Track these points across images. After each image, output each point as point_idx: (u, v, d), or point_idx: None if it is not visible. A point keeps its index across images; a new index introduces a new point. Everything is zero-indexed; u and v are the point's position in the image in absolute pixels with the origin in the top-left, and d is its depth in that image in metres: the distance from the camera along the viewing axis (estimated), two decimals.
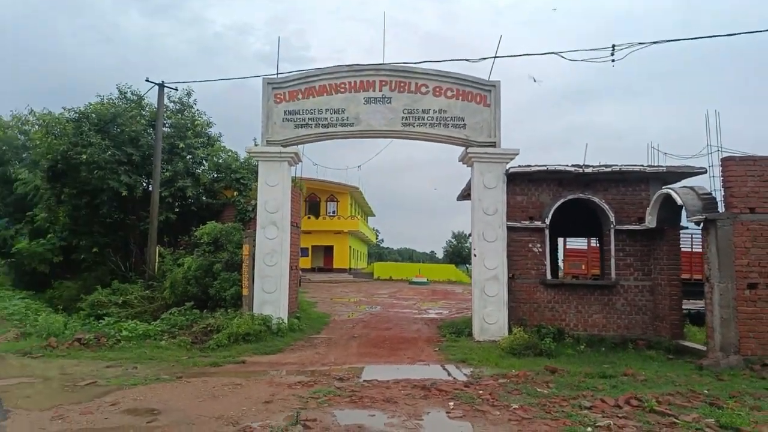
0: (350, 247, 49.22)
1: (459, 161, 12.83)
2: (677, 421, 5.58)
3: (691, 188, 10.01)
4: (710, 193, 9.73)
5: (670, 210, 10.79)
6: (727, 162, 9.42)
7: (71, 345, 10.13)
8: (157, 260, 15.19)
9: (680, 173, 11.48)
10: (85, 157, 15.15)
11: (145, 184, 16.82)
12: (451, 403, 6.31)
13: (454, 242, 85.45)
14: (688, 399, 6.55)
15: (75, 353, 9.64)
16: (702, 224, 9.40)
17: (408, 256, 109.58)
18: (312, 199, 45.45)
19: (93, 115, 16.29)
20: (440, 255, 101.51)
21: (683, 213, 10.12)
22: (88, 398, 6.50)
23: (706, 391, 6.99)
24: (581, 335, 11.10)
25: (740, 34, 10.51)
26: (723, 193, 9.45)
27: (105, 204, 16.15)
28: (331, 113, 12.47)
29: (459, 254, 75.57)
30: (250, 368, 8.60)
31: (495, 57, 12.28)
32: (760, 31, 10.36)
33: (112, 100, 17.53)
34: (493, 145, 12.03)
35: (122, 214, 16.78)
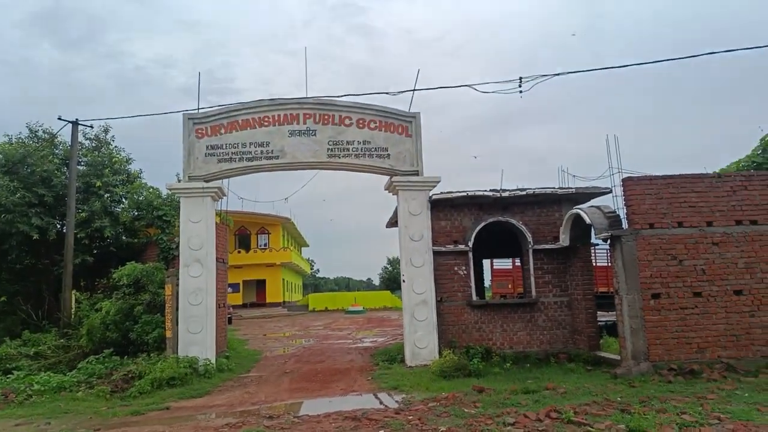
0: (284, 279, 48.43)
1: (385, 189, 13.12)
2: (592, 429, 5.93)
3: (598, 207, 10.75)
4: (615, 212, 10.49)
5: (581, 229, 11.50)
6: (627, 182, 10.22)
7: None
8: (73, 306, 14.38)
9: (588, 194, 12.30)
10: None
11: (59, 226, 15.96)
12: (381, 431, 6.36)
13: (390, 268, 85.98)
14: (603, 407, 6.95)
15: None
16: (609, 240, 10.10)
17: (345, 284, 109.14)
18: (242, 232, 44.55)
19: (0, 156, 15.37)
20: (377, 281, 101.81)
21: (592, 231, 10.83)
22: None
23: (619, 399, 7.44)
24: (507, 353, 11.49)
25: (630, 65, 11.55)
26: (625, 211, 10.22)
27: (14, 249, 15.15)
28: (256, 147, 12.45)
29: (395, 280, 75.97)
30: (175, 414, 8.27)
31: (414, 90, 12.79)
32: (649, 62, 11.42)
33: (22, 139, 16.65)
34: (416, 173, 12.41)
35: (33, 258, 15.78)
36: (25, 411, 8.88)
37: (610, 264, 18.49)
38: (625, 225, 10.10)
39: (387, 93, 12.80)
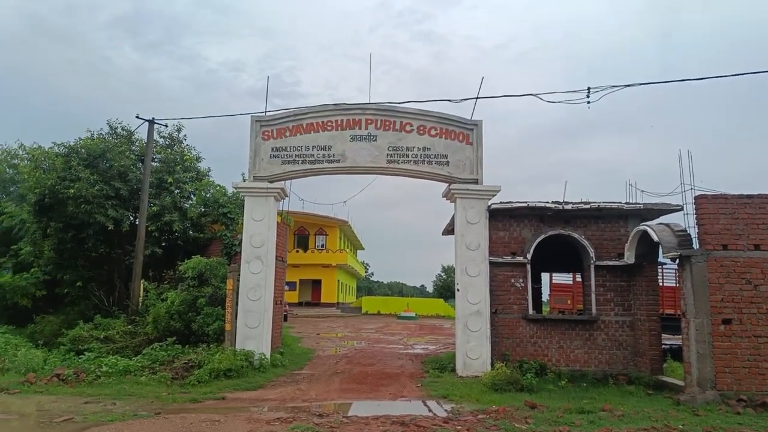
0: (338, 280, 49.05)
1: (443, 197, 13.07)
2: None
3: (667, 225, 10.26)
4: (685, 230, 9.98)
5: (647, 246, 11.03)
6: (700, 200, 9.72)
7: (50, 381, 10.01)
8: (141, 295, 15.14)
9: (657, 210, 11.77)
10: (72, 191, 15.23)
11: (132, 219, 16.86)
12: None
13: (444, 276, 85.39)
14: None
15: (53, 389, 9.53)
16: (677, 260, 9.63)
17: (398, 290, 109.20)
18: (301, 232, 45.52)
19: (82, 150, 16.44)
20: (430, 289, 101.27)
21: (660, 249, 10.36)
22: None
23: (680, 426, 7.07)
24: (563, 370, 11.15)
25: (706, 78, 10.97)
26: (697, 230, 9.72)
27: (91, 238, 16.14)
28: (318, 150, 12.73)
29: (448, 288, 75.37)
30: (230, 404, 8.56)
31: (477, 98, 12.68)
32: (724, 76, 10.83)
33: (102, 135, 17.73)
34: (476, 181, 12.30)
35: (108, 248, 16.76)
36: (93, 390, 9.45)
37: (677, 285, 17.67)
38: (696, 245, 9.60)
39: (449, 100, 12.73)
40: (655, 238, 9.96)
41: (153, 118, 16.02)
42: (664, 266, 15.24)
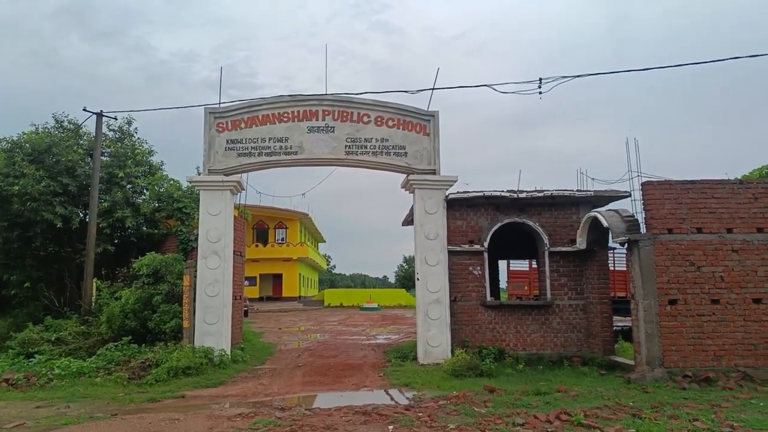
0: (300, 274, 48.76)
1: (401, 188, 13.15)
2: None
3: (616, 211, 10.65)
4: (633, 216, 10.37)
5: (598, 232, 11.42)
6: (646, 186, 10.11)
7: None
8: (93, 294, 14.66)
9: (607, 197, 12.19)
10: (17, 188, 14.57)
11: (81, 215, 16.27)
12: (391, 427, 6.42)
13: (405, 266, 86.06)
14: (614, 411, 6.93)
15: (2, 394, 9.16)
16: (626, 245, 10.02)
17: (360, 281, 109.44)
18: (260, 226, 44.95)
19: (27, 145, 15.74)
20: (392, 279, 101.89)
21: (610, 234, 10.74)
22: None
23: (631, 404, 7.40)
24: (521, 354, 11.47)
25: (649, 69, 11.40)
26: (644, 216, 10.13)
27: (38, 236, 15.51)
28: (275, 142, 12.58)
29: (410, 278, 76.06)
30: (190, 402, 8.44)
31: (433, 89, 12.79)
32: (670, 66, 11.28)
33: (48, 129, 17.01)
34: (433, 172, 12.43)
35: (57, 246, 16.15)
36: (46, 394, 9.13)
37: (627, 268, 18.40)
38: (643, 229, 10.00)
39: (406, 91, 12.80)
40: (605, 224, 10.32)
41: (101, 111, 15.47)
42: (614, 251, 15.84)
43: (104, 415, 7.47)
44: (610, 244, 11.40)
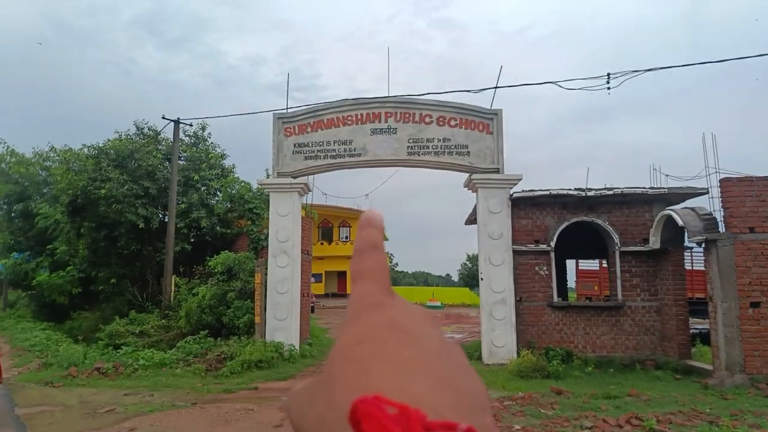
0: None
1: (464, 187, 13.12)
2: None
3: (692, 209, 10.18)
4: (711, 214, 9.89)
5: (673, 231, 10.94)
6: (725, 183, 9.61)
7: (91, 374, 10.47)
8: (172, 290, 15.58)
9: (682, 194, 11.66)
10: (103, 191, 15.72)
11: (161, 216, 17.32)
12: None
13: (469, 264, 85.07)
14: (689, 418, 6.67)
15: (94, 382, 9.97)
16: (703, 244, 9.56)
17: (423, 279, 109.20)
18: (325, 225, 45.91)
19: (111, 151, 16.93)
20: (455, 278, 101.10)
21: (685, 233, 10.28)
22: (107, 425, 6.80)
23: (708, 410, 7.08)
24: (589, 357, 11.18)
25: (728, 60, 10.78)
26: (723, 214, 9.62)
27: (123, 236, 16.65)
28: (339, 144, 12.90)
29: (473, 277, 75.12)
30: (262, 394, 8.85)
31: (496, 87, 12.68)
32: (746, 57, 10.63)
33: (130, 135, 18.22)
34: (497, 171, 12.33)
35: (139, 245, 17.27)
36: (132, 382, 9.86)
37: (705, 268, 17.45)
38: (722, 228, 9.51)
39: (468, 91, 12.78)
40: (680, 223, 9.90)
41: (178, 118, 16.39)
42: (693, 250, 15.06)
43: (185, 404, 7.99)
44: (686, 243, 10.90)
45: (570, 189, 11.71)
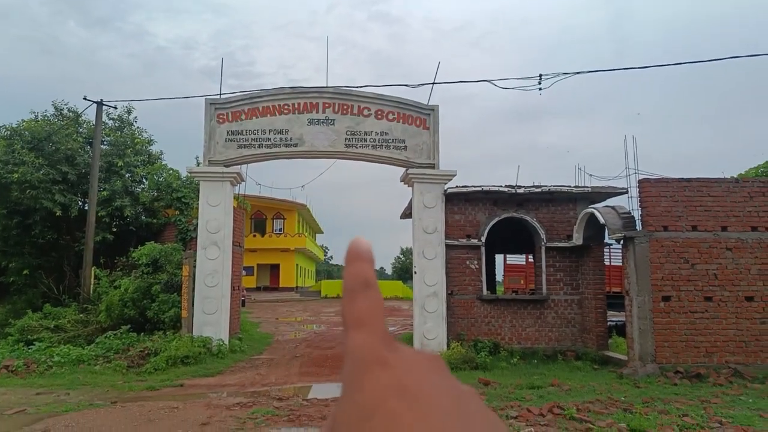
0: (297, 265, 48.84)
1: (400, 181, 13.22)
2: (593, 426, 6.04)
3: (613, 208, 10.77)
4: (629, 212, 10.49)
5: (595, 228, 11.52)
6: (643, 183, 10.22)
7: None
8: (92, 282, 14.73)
9: (604, 193, 12.30)
10: (16, 176, 14.59)
11: (80, 204, 16.32)
12: None
13: (402, 258, 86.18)
14: (606, 406, 7.06)
15: (3, 381, 9.27)
16: (622, 241, 10.13)
17: None
18: (258, 216, 44.94)
19: (26, 133, 15.73)
20: (389, 271, 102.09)
21: (606, 231, 10.85)
22: (16, 427, 6.34)
23: (623, 398, 7.54)
24: (515, 348, 11.60)
25: (651, 66, 11.46)
26: (640, 213, 10.23)
27: (38, 224, 15.55)
28: (275, 134, 12.61)
29: (407, 270, 76.10)
30: (189, 391, 8.55)
31: (433, 83, 12.85)
32: (669, 65, 11.32)
33: (48, 117, 17.01)
34: (433, 166, 12.49)
35: (56, 234, 16.20)
36: (45, 381, 9.25)
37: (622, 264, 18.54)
38: (639, 226, 10.11)
39: (407, 85, 12.92)
40: (602, 220, 10.43)
41: (101, 100, 15.47)
42: (611, 246, 15.96)
43: (104, 403, 7.58)
44: (606, 240, 11.53)
45: (501, 186, 12.07)
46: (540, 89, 11.58)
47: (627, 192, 12.37)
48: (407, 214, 14.56)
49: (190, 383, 9.16)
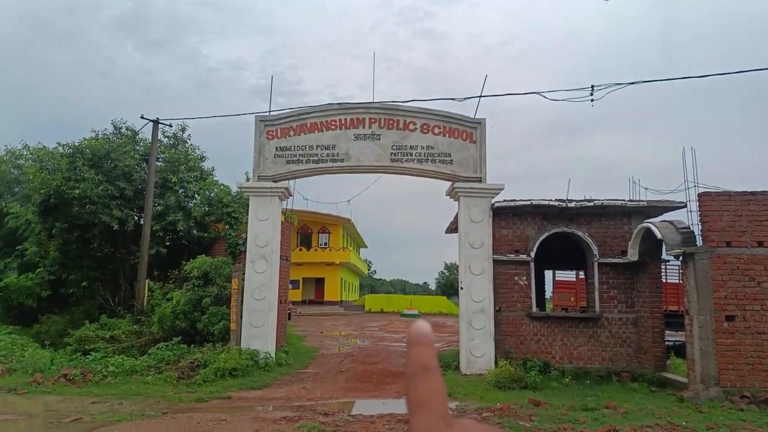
0: (341, 279, 49.12)
1: (446, 195, 13.10)
2: None
3: (671, 222, 10.29)
4: (689, 227, 9.99)
5: (651, 243, 11.04)
6: (703, 197, 9.73)
7: (57, 381, 10.09)
8: (146, 294, 15.21)
9: (661, 207, 11.80)
10: (77, 192, 15.31)
11: (136, 218, 16.95)
12: None
13: (447, 273, 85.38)
14: (666, 431, 6.66)
15: (61, 389, 9.61)
16: (681, 258, 9.65)
17: (401, 287, 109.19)
18: (304, 230, 45.56)
19: (87, 150, 16.52)
20: (433, 286, 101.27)
21: (663, 246, 10.37)
22: None
23: (684, 423, 7.11)
24: (567, 368, 11.19)
25: (708, 76, 10.98)
26: (700, 228, 9.73)
27: (96, 238, 16.24)
28: (322, 149, 12.76)
29: (451, 285, 75.33)
30: (236, 404, 8.63)
31: (480, 96, 12.72)
32: (729, 73, 10.83)
33: (107, 135, 17.82)
34: (479, 180, 12.32)
35: (113, 248, 16.85)
36: (100, 390, 9.53)
37: (681, 281, 17.70)
38: (699, 242, 9.61)
39: (453, 99, 12.79)
40: (659, 236, 9.98)
41: (157, 118, 16.09)
42: (667, 263, 15.26)
43: (155, 413, 7.73)
44: (664, 256, 11.02)
45: (551, 200, 11.77)
46: (592, 100, 11.28)
47: (685, 206, 11.80)
48: (453, 228, 14.39)
49: (238, 395, 9.25)
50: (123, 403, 8.53)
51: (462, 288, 11.98)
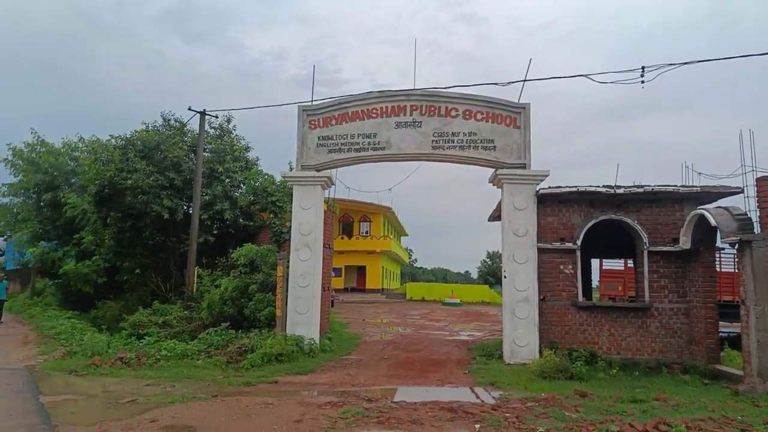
0: (383, 267, 49.40)
1: (489, 182, 12.93)
2: None
3: (726, 209, 9.85)
4: (745, 214, 9.55)
5: (704, 231, 10.62)
6: (762, 182, 9.26)
7: (114, 363, 10.59)
8: (195, 281, 15.72)
9: (715, 193, 11.29)
10: (130, 182, 15.90)
11: (185, 208, 17.48)
12: (477, 426, 6.38)
13: (489, 262, 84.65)
14: (720, 425, 6.43)
15: (117, 371, 10.08)
16: (737, 245, 9.23)
17: (442, 276, 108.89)
18: (345, 219, 45.99)
19: (138, 142, 17.10)
20: (474, 275, 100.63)
21: (718, 234, 9.95)
22: (129, 415, 6.85)
23: (739, 418, 6.84)
24: (614, 359, 10.93)
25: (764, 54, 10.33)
26: (759, 214, 9.28)
27: (148, 227, 16.85)
28: (363, 138, 12.80)
29: (493, 274, 74.71)
30: (282, 388, 8.84)
31: (524, 80, 12.43)
32: None
33: (157, 127, 18.39)
34: (523, 166, 12.09)
35: (163, 236, 17.46)
36: (154, 373, 9.94)
37: (736, 270, 16.95)
38: (757, 229, 9.18)
39: (496, 84, 12.53)
40: (713, 223, 9.58)
41: (204, 110, 16.48)
42: (722, 251, 14.66)
43: (205, 396, 8.02)
44: (718, 244, 10.55)
45: (598, 186, 11.45)
46: (643, 82, 10.84)
47: (742, 191, 11.28)
48: (496, 216, 14.20)
49: (284, 380, 9.47)
50: (175, 385, 8.88)
51: (505, 277, 11.84)
